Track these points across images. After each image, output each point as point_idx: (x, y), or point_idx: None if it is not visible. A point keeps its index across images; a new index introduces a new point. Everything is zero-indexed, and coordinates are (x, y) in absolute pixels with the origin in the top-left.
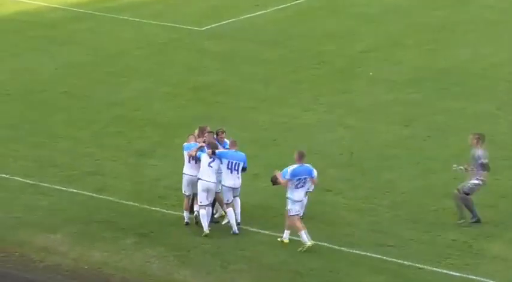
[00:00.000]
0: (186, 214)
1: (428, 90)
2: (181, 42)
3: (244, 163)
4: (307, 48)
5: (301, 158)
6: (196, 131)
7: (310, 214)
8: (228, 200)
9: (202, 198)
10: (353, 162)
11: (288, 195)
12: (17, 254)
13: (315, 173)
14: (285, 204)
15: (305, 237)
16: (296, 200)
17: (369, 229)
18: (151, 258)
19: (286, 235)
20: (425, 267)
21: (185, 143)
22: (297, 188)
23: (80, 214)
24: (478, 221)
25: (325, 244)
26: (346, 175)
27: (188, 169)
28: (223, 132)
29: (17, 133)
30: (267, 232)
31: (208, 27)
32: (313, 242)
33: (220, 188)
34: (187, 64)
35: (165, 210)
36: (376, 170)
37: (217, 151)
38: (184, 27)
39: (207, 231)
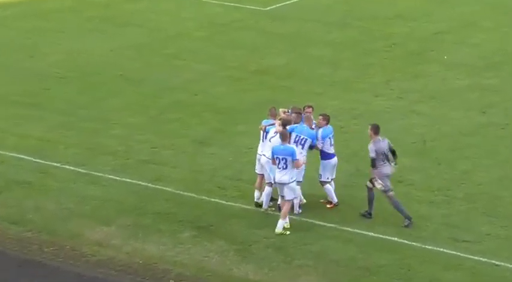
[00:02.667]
0: (255, 193)
1: (506, 74)
2: (244, 23)
3: (312, 140)
4: (377, 29)
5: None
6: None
7: (379, 207)
8: None
9: (265, 175)
10: (426, 152)
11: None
12: (68, 247)
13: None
14: (350, 197)
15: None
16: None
17: (443, 223)
18: (210, 253)
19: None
20: (502, 264)
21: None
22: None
23: (134, 205)
24: None
25: (396, 239)
26: (419, 165)
27: (260, 147)
28: (309, 107)
29: (68, 118)
30: (333, 225)
31: (273, 7)
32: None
33: None
34: (250, 46)
35: (224, 202)
36: (451, 160)
37: (288, 126)
38: (248, 7)
39: (265, 208)
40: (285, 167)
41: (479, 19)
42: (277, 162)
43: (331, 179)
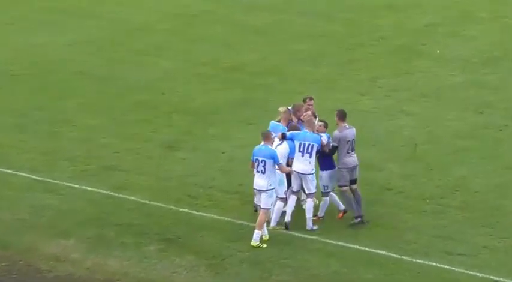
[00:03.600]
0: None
1: (505, 70)
2: (215, 15)
3: (319, 146)
4: (363, 21)
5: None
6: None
7: (366, 217)
8: (294, 188)
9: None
10: (417, 156)
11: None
12: (21, 262)
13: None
14: (333, 207)
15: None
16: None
17: (435, 235)
18: (178, 268)
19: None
20: (501, 279)
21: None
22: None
23: (95, 216)
24: None
25: (383, 252)
26: (409, 171)
27: None
28: (311, 98)
29: (23, 121)
30: (315, 238)
31: None
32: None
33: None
34: (223, 40)
35: (194, 212)
36: (444, 165)
37: (288, 133)
38: None
39: (273, 225)
40: (263, 170)
41: (475, 9)
42: (256, 164)
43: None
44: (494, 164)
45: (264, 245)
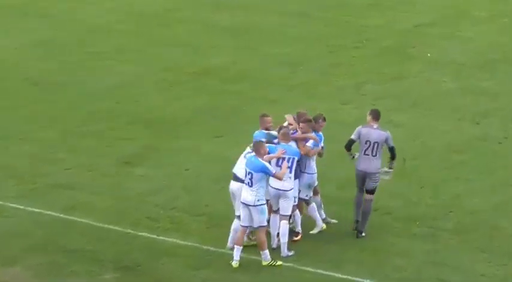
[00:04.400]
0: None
1: (504, 76)
2: (181, 14)
3: (298, 158)
4: (346, 21)
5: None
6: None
7: (349, 240)
8: (274, 207)
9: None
10: (406, 172)
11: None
12: None
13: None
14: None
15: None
16: None
17: (428, 261)
18: None
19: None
20: None
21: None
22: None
23: (43, 240)
24: None
25: (368, 281)
26: (398, 189)
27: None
28: (324, 119)
29: None
30: (290, 265)
31: None
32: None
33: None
34: (188, 42)
35: (155, 236)
36: (437, 183)
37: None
38: None
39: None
40: (250, 184)
41: (471, 8)
42: (244, 174)
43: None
44: (492, 180)
45: (279, 262)
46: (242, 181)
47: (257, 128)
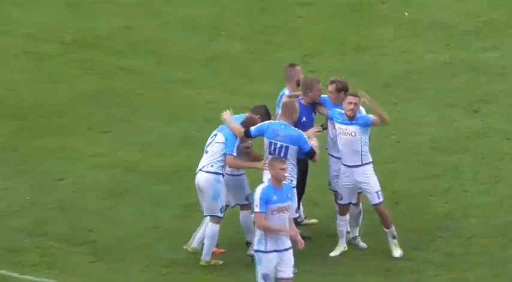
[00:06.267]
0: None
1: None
2: None
3: (302, 145)
4: None
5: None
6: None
7: None
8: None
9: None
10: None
11: None
12: None
13: None
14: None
15: None
16: None
17: None
18: None
19: None
20: None
21: None
22: None
23: None
24: None
25: None
26: (365, 207)
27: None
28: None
29: None
30: None
31: None
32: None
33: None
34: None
35: (17, 275)
36: (419, 197)
37: (252, 128)
38: None
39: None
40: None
41: None
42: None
43: None
44: (497, 194)
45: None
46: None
47: (164, 119)
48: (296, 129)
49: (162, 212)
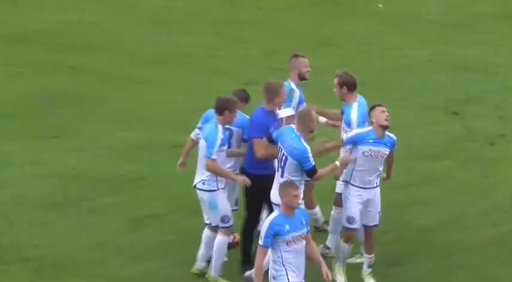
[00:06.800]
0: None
1: (504, 39)
2: None
3: (303, 161)
4: None
5: None
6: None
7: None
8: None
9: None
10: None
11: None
12: None
13: None
14: None
15: None
16: None
17: None
18: None
19: None
20: None
21: None
22: None
23: None
24: None
25: None
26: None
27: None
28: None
29: None
30: None
31: None
32: None
33: None
34: None
35: None
36: (397, 207)
37: (273, 133)
38: None
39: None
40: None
41: None
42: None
43: None
44: (483, 205)
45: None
46: None
47: (118, 122)
48: (304, 143)
49: (112, 224)
